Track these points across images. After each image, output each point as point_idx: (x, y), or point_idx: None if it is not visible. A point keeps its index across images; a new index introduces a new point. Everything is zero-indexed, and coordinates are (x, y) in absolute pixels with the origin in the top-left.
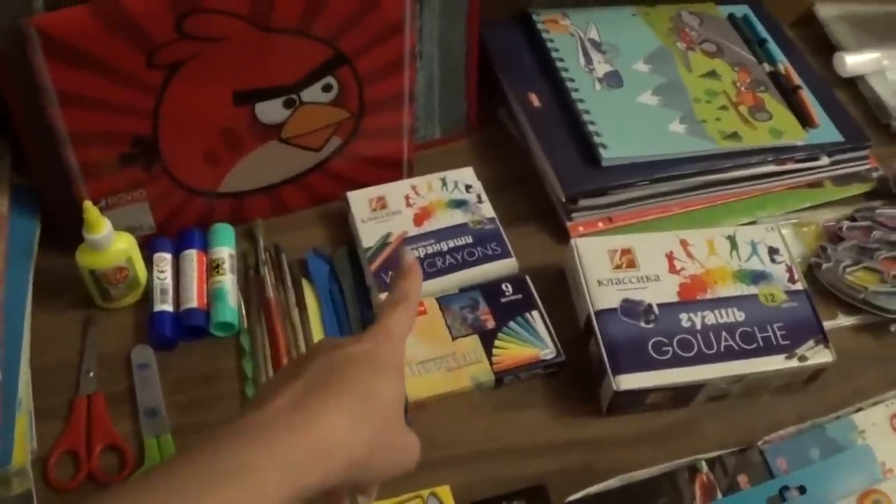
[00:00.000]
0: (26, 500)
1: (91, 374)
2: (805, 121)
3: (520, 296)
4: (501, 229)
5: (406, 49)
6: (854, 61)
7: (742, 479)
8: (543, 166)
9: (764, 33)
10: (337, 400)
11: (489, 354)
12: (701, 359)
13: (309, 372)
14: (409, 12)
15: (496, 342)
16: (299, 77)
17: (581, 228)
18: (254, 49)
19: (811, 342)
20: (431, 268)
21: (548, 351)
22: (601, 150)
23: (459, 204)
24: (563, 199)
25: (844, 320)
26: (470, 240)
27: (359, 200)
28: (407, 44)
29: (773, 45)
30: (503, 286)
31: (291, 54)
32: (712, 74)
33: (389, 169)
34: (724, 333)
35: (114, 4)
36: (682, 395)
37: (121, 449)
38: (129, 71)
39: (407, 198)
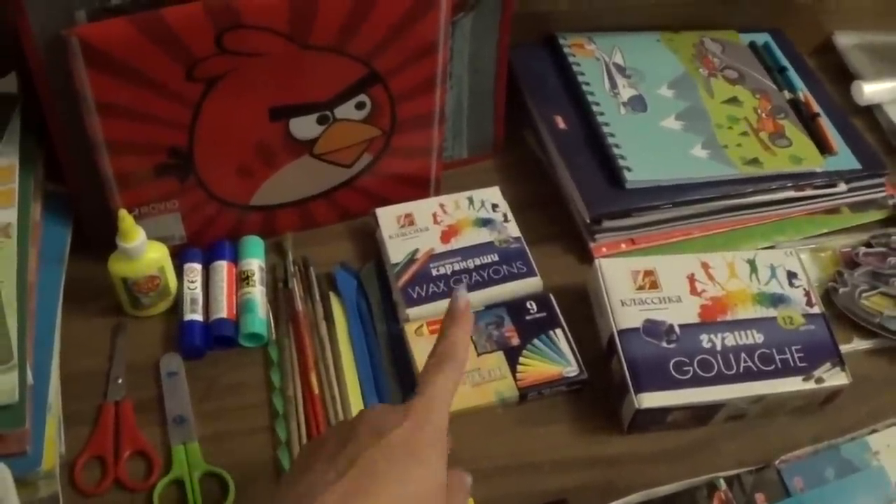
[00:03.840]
0: (52, 503)
1: (119, 380)
2: (824, 148)
3: (544, 314)
4: (527, 248)
5: (439, 69)
6: (872, 90)
7: (759, 498)
8: (568, 187)
9: (784, 61)
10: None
11: (513, 371)
12: (721, 379)
13: (352, 468)
14: (444, 34)
15: (520, 359)
16: (334, 94)
17: (604, 249)
18: (291, 65)
19: (828, 365)
20: (457, 284)
21: (571, 369)
22: (625, 173)
23: (486, 223)
24: (588, 220)
25: (860, 344)
26: (496, 258)
27: (387, 217)
28: (440, 64)
29: (793, 73)
30: (528, 304)
31: (327, 71)
32: (734, 101)
33: (417, 187)
34: (743, 355)
35: (156, 17)
36: (701, 414)
37: (148, 455)
38: (169, 83)
39: (434, 215)
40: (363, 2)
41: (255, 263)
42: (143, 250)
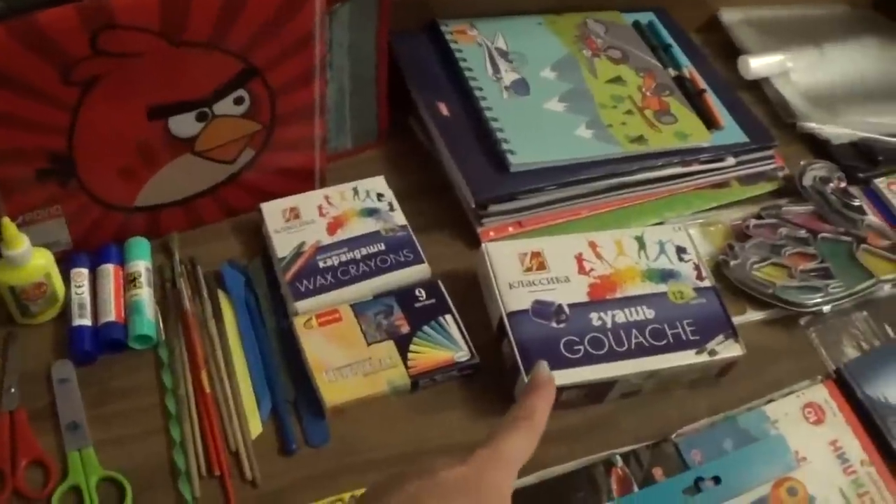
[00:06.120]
0: None
1: (13, 390)
2: (710, 123)
3: (433, 301)
4: (413, 236)
5: (316, 61)
6: (758, 64)
7: (657, 472)
8: (454, 174)
9: (669, 39)
10: None
11: (405, 359)
12: (612, 356)
13: (396, 499)
14: (319, 24)
15: (411, 346)
16: (211, 90)
17: (492, 233)
18: (167, 64)
19: (720, 337)
20: (345, 275)
21: (462, 353)
22: (509, 157)
23: (372, 212)
24: (474, 206)
25: (754, 315)
26: (383, 247)
27: (272, 211)
28: (317, 55)
29: (677, 51)
30: (417, 292)
31: (203, 68)
32: (618, 80)
33: (302, 180)
34: (634, 331)
35: (28, 22)
36: (595, 392)
37: (45, 464)
38: (45, 88)
39: (320, 208)
40: None
41: (141, 265)
42: (29, 258)
